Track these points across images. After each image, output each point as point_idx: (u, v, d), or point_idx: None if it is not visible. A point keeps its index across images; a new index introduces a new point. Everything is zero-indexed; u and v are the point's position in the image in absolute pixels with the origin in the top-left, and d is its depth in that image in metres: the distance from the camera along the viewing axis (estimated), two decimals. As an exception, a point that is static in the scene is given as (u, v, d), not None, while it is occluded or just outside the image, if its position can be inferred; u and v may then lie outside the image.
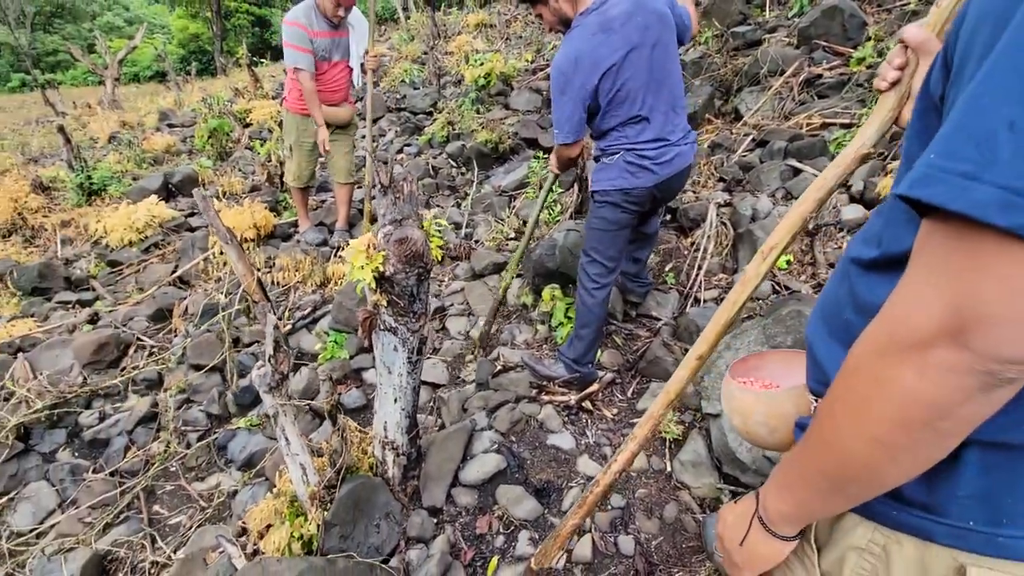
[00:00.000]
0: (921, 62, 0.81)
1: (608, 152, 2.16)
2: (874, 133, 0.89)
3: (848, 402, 0.56)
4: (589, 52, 1.95)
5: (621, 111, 2.03)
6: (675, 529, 1.91)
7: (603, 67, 1.95)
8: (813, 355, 0.82)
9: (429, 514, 1.98)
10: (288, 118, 3.85)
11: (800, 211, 0.98)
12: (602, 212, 2.24)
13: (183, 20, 26.13)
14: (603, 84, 1.98)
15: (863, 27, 4.75)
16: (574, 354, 2.40)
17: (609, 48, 1.94)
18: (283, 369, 1.74)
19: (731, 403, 1.02)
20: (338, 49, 3.65)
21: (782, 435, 0.94)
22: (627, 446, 1.34)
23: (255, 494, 2.24)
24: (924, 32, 0.80)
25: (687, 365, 1.18)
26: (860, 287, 0.68)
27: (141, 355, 3.22)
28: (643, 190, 2.15)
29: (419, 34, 10.09)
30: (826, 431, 0.60)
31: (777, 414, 0.93)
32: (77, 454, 2.71)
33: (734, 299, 1.09)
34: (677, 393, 1.22)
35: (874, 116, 0.89)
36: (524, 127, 5.08)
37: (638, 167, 2.12)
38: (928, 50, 0.80)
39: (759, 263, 1.04)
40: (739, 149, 3.95)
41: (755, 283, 1.06)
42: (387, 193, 1.57)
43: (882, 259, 0.65)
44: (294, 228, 4.43)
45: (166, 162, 6.50)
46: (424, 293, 1.68)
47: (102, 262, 4.25)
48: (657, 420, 1.28)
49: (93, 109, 11.27)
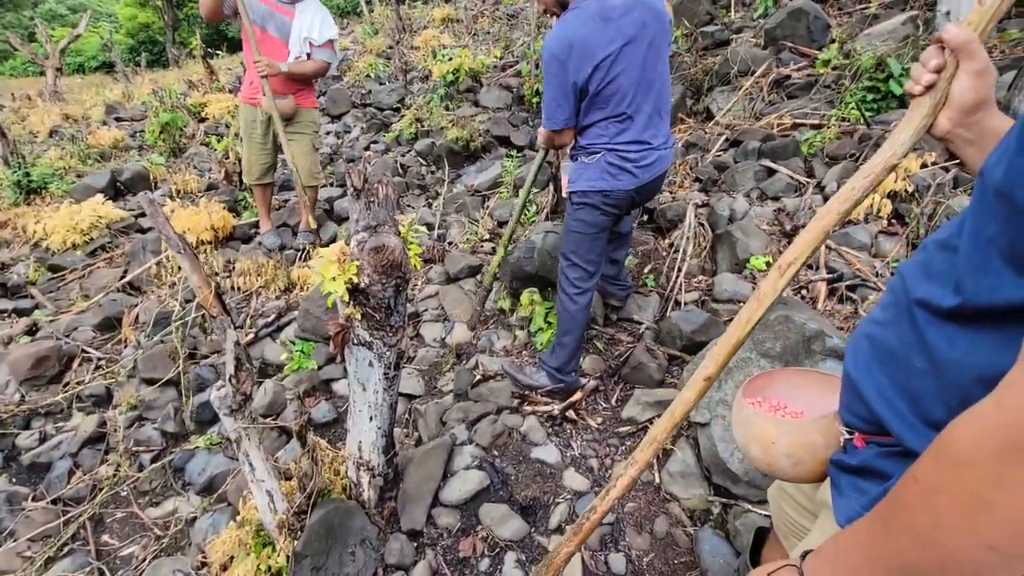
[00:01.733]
0: (962, 64, 0.74)
1: (588, 151, 2.07)
2: (907, 141, 0.82)
3: (959, 500, 0.48)
4: (583, 39, 1.85)
5: (608, 106, 1.94)
6: (666, 544, 1.84)
7: (598, 57, 1.86)
8: (856, 390, 0.74)
9: (408, 538, 1.86)
10: (240, 109, 3.61)
11: (822, 224, 0.90)
12: (580, 214, 2.15)
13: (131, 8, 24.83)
14: (595, 75, 1.88)
15: (827, 29, 4.83)
16: (557, 363, 2.31)
17: (605, 38, 1.84)
18: (245, 389, 1.58)
19: (748, 430, 0.94)
20: (274, 24, 3.27)
21: (807, 467, 0.87)
22: (627, 471, 1.25)
23: (216, 522, 2.07)
24: (966, 32, 0.72)
25: (694, 386, 1.10)
26: (935, 337, 0.61)
27: (86, 369, 2.97)
28: (623, 193, 2.08)
29: (383, 28, 9.83)
30: (921, 524, 0.52)
31: (803, 444, 0.86)
32: (14, 480, 2.46)
33: (747, 317, 1.01)
34: (683, 415, 1.14)
35: (906, 123, 0.81)
36: (495, 125, 4.97)
37: (619, 169, 2.05)
38: (970, 52, 0.72)
39: (776, 279, 0.96)
40: (713, 149, 3.94)
41: (771, 299, 0.98)
42: (360, 197, 1.44)
43: (965, 309, 0.56)
44: (255, 229, 4.20)
45: (114, 158, 6.09)
46: (402, 305, 1.56)
47: (42, 267, 3.93)
48: (660, 444, 1.19)
49: (33, 101, 10.56)
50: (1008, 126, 0.73)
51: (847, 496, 0.75)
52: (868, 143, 3.31)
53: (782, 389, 1.03)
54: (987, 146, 0.73)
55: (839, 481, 0.78)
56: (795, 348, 1.91)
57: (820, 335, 1.88)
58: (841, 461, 0.77)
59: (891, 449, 0.69)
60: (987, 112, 0.74)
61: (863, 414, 0.73)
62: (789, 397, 1.02)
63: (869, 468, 0.72)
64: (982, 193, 0.56)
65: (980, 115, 0.74)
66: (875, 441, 0.73)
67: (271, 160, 3.75)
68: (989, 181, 0.54)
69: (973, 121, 0.75)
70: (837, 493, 0.78)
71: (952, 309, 0.58)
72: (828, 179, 3.18)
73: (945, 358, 0.59)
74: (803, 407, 0.99)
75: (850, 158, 3.30)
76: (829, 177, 3.18)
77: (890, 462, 0.69)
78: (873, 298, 2.46)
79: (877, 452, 0.71)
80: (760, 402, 1.01)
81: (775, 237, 2.96)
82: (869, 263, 2.67)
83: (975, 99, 0.73)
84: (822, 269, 2.68)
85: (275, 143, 3.67)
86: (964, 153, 0.77)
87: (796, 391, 1.02)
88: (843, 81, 3.98)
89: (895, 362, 0.67)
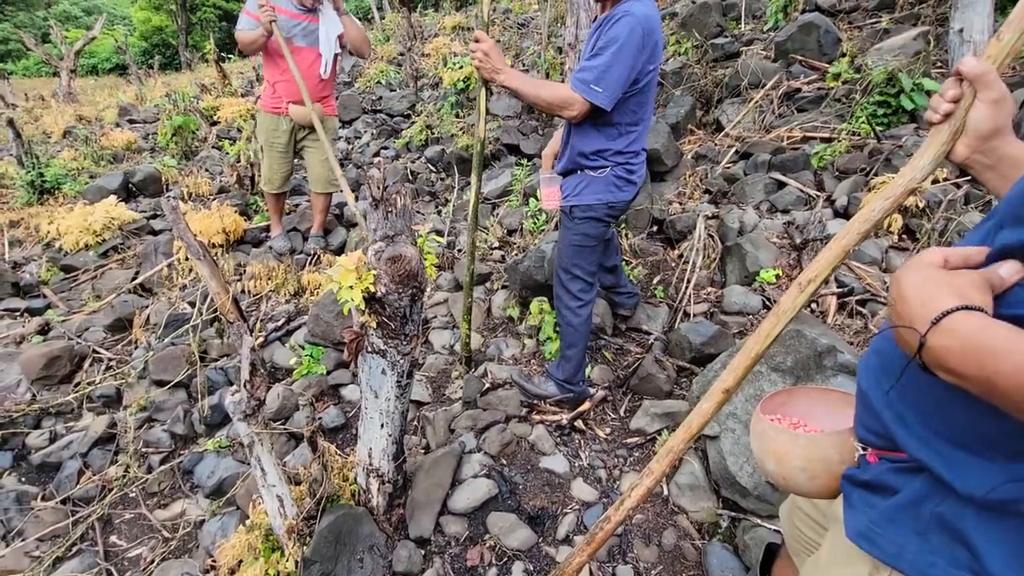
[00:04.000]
0: (979, 94, 0.76)
1: (595, 167, 2.06)
2: (927, 166, 0.83)
3: None
4: (659, 31, 1.86)
5: (638, 106, 1.94)
6: (674, 557, 1.84)
7: (660, 57, 1.88)
8: (869, 404, 0.76)
9: (416, 545, 1.86)
10: (260, 117, 3.62)
11: (843, 244, 0.92)
12: (584, 228, 2.14)
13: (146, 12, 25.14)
14: (651, 73, 1.89)
15: (838, 43, 4.84)
16: (564, 375, 2.31)
17: (659, 36, 1.87)
18: (259, 394, 1.60)
19: (765, 444, 0.94)
20: (304, 34, 3.27)
21: (821, 482, 0.88)
22: (642, 482, 1.26)
23: (225, 525, 2.07)
24: (983, 65, 0.75)
25: (712, 398, 1.11)
26: None
27: (97, 369, 2.99)
28: (624, 203, 2.12)
29: (395, 35, 9.92)
30: None
31: (819, 459, 0.87)
32: (24, 479, 2.48)
33: (767, 331, 1.02)
34: (700, 427, 1.15)
35: (926, 148, 0.83)
36: (506, 133, 4.99)
37: (625, 181, 2.07)
38: (986, 83, 0.75)
39: (796, 295, 0.98)
40: (723, 161, 3.95)
41: (791, 315, 0.99)
42: (378, 207, 1.45)
43: None
44: (266, 233, 4.23)
45: (126, 160, 6.16)
46: (417, 314, 1.57)
47: (54, 267, 3.97)
48: (677, 455, 1.20)
49: (47, 102, 10.69)
50: (1022, 151, 0.76)
51: (857, 509, 0.76)
52: (879, 158, 3.32)
53: (801, 406, 1.03)
54: (1005, 171, 0.77)
55: (850, 495, 0.79)
56: (806, 363, 1.91)
57: (832, 350, 1.88)
58: (853, 476, 0.79)
59: (902, 465, 0.70)
60: (1004, 139, 0.77)
61: (876, 429, 0.74)
62: (808, 415, 1.03)
63: (879, 483, 0.73)
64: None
65: (997, 142, 0.77)
66: (887, 457, 0.74)
67: (291, 169, 3.78)
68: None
69: (991, 148, 0.78)
70: (848, 506, 0.79)
71: None
72: (838, 193, 3.18)
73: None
74: (823, 425, 0.99)
75: (860, 172, 3.30)
76: (839, 191, 3.19)
77: (900, 477, 0.70)
78: (883, 313, 2.46)
79: (888, 467, 0.72)
80: (779, 419, 1.02)
81: (785, 250, 2.96)
82: (880, 278, 2.67)
83: (992, 127, 0.76)
84: (832, 283, 2.68)
85: (295, 152, 3.69)
86: (984, 177, 0.80)
87: (815, 409, 1.03)
88: (853, 95, 3.99)
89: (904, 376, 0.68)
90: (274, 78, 3.41)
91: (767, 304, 2.70)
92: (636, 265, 3.11)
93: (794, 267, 2.85)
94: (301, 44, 3.28)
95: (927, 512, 0.65)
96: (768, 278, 2.80)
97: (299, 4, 3.21)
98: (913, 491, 0.67)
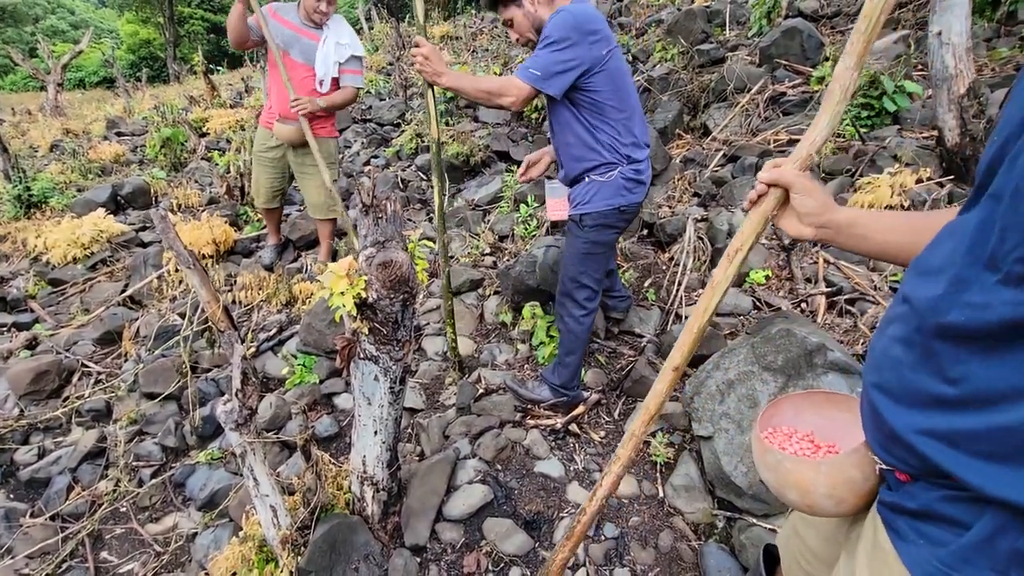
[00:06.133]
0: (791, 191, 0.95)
1: (601, 171, 2.06)
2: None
3: None
4: (601, 20, 1.90)
5: (614, 92, 1.96)
6: (671, 559, 1.84)
7: (612, 43, 1.93)
8: (881, 419, 0.73)
9: (412, 553, 1.85)
10: (258, 131, 3.59)
11: (762, 210, 0.98)
12: (594, 236, 2.11)
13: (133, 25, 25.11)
14: (609, 59, 1.92)
15: (821, 47, 4.92)
16: (560, 380, 2.31)
17: (601, 24, 1.90)
18: (252, 404, 1.59)
19: (784, 477, 0.89)
20: (299, 48, 3.18)
21: (850, 505, 0.84)
22: (611, 469, 1.27)
23: (218, 537, 2.05)
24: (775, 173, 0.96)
25: (664, 378, 1.15)
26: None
27: (86, 383, 2.96)
28: (636, 205, 2.11)
29: (383, 44, 9.96)
30: None
31: (844, 482, 0.83)
32: (12, 496, 2.44)
33: (704, 306, 1.08)
34: (657, 408, 1.18)
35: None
36: (495, 140, 5.02)
37: (635, 182, 2.06)
38: (787, 182, 0.95)
39: (726, 266, 1.04)
40: (711, 164, 3.99)
41: (724, 287, 1.05)
42: (369, 213, 1.46)
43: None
44: (256, 243, 4.21)
45: (115, 172, 6.12)
46: (409, 319, 1.57)
47: (42, 280, 3.93)
48: (639, 439, 1.22)
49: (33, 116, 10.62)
50: (852, 215, 0.92)
51: (912, 543, 0.70)
52: (863, 159, 3.36)
53: (788, 414, 1.03)
54: (845, 235, 0.92)
55: (895, 523, 0.73)
56: (796, 361, 1.93)
57: (822, 348, 1.90)
58: (896, 503, 0.73)
59: (959, 494, 0.64)
60: (833, 211, 0.93)
61: (887, 445, 0.72)
62: (797, 420, 1.02)
63: (936, 513, 0.67)
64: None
65: (829, 216, 0.93)
66: (930, 482, 0.68)
67: (280, 186, 3.66)
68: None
69: (826, 221, 0.93)
70: (898, 537, 0.72)
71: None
72: (825, 194, 3.21)
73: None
74: (813, 427, 1.00)
75: (846, 173, 3.35)
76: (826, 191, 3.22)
77: (960, 507, 0.65)
78: (872, 311, 2.49)
79: (940, 496, 0.66)
80: (772, 433, 1.01)
81: (774, 251, 2.99)
82: (867, 277, 2.70)
83: (816, 207, 0.93)
84: (821, 283, 2.71)
85: (289, 171, 3.60)
86: (836, 244, 0.95)
87: (802, 413, 1.02)
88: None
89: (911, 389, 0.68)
90: (269, 90, 3.41)
91: (757, 305, 2.72)
92: (627, 268, 3.13)
93: (783, 268, 2.88)
94: (297, 59, 3.21)
95: (1004, 549, 0.60)
96: (758, 279, 2.82)
97: (304, 19, 3.20)
98: (984, 527, 0.62)
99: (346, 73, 3.31)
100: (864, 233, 0.90)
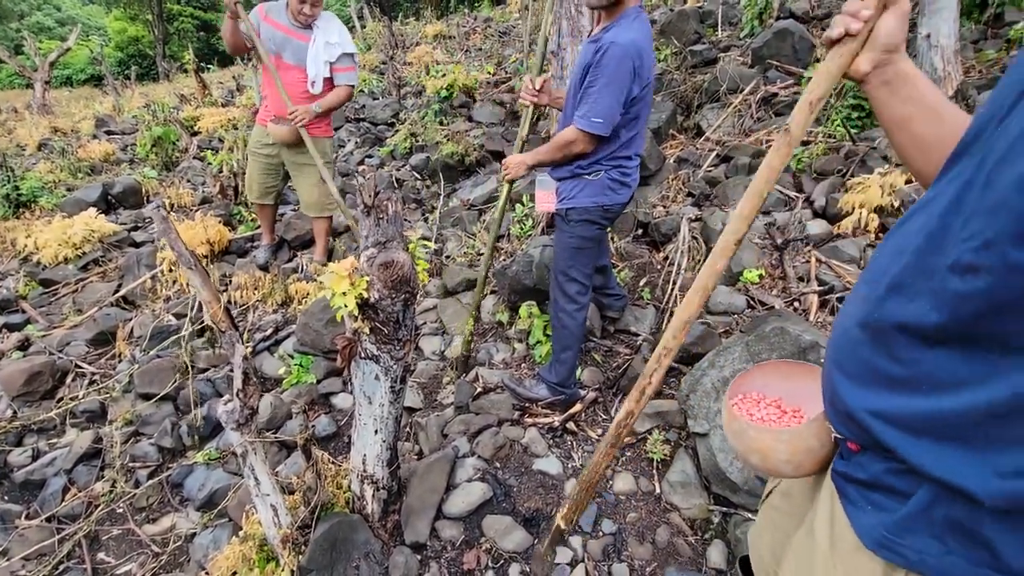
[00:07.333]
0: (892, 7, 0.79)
1: (589, 170, 2.10)
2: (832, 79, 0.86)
3: None
4: (649, 53, 1.92)
5: (632, 117, 2.00)
6: (668, 554, 1.86)
7: (650, 77, 1.96)
8: (836, 395, 0.78)
9: (412, 551, 1.86)
10: (255, 128, 3.59)
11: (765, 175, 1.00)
12: (579, 230, 2.18)
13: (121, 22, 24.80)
14: (643, 93, 1.96)
15: (812, 49, 4.97)
16: (557, 378, 2.34)
17: (652, 60, 1.94)
18: (253, 403, 1.59)
19: (747, 443, 0.97)
20: (291, 50, 3.17)
21: (808, 468, 0.92)
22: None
23: (217, 537, 2.05)
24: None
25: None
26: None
27: (80, 384, 2.94)
28: (620, 206, 2.17)
29: (376, 43, 9.93)
30: None
31: (803, 450, 0.91)
32: (7, 498, 2.43)
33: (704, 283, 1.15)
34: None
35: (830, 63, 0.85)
36: (490, 140, 5.03)
37: (620, 184, 2.11)
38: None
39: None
40: (704, 164, 4.02)
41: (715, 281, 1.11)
42: (370, 213, 1.47)
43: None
44: (251, 243, 4.20)
45: (105, 171, 6.06)
46: (410, 319, 1.59)
47: (33, 281, 3.89)
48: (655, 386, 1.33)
49: (20, 114, 10.49)
50: (915, 71, 0.80)
51: (862, 508, 0.75)
52: (854, 159, 3.41)
53: (758, 381, 1.08)
54: (897, 87, 0.80)
55: (846, 489, 0.78)
56: (790, 359, 1.96)
57: (815, 346, 1.93)
58: (847, 473, 0.78)
59: (900, 466, 0.69)
60: (901, 54, 0.80)
61: (844, 421, 0.76)
62: (766, 387, 1.08)
63: (882, 484, 0.72)
64: None
65: (896, 56, 0.80)
66: (873, 452, 0.73)
67: (274, 183, 3.63)
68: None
69: (890, 62, 0.80)
70: (848, 503, 0.77)
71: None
72: (816, 194, 3.26)
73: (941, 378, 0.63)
74: (779, 393, 1.05)
75: (837, 173, 3.39)
76: (817, 192, 3.27)
77: (902, 479, 0.69)
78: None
79: (885, 468, 0.71)
80: (743, 399, 1.06)
81: (767, 250, 3.03)
82: (858, 276, 2.74)
83: (899, 40, 0.79)
84: (813, 282, 2.75)
85: (284, 169, 3.58)
86: (877, 94, 0.83)
87: (770, 381, 1.08)
88: (828, 99, 4.10)
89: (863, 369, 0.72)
90: (264, 91, 3.41)
91: (751, 304, 2.75)
92: (623, 268, 3.16)
93: (776, 267, 2.92)
94: (290, 61, 3.19)
95: (939, 516, 0.65)
96: (751, 278, 2.85)
97: (293, 20, 3.18)
98: (922, 498, 0.66)
99: (339, 72, 3.30)
100: (916, 96, 0.79)
